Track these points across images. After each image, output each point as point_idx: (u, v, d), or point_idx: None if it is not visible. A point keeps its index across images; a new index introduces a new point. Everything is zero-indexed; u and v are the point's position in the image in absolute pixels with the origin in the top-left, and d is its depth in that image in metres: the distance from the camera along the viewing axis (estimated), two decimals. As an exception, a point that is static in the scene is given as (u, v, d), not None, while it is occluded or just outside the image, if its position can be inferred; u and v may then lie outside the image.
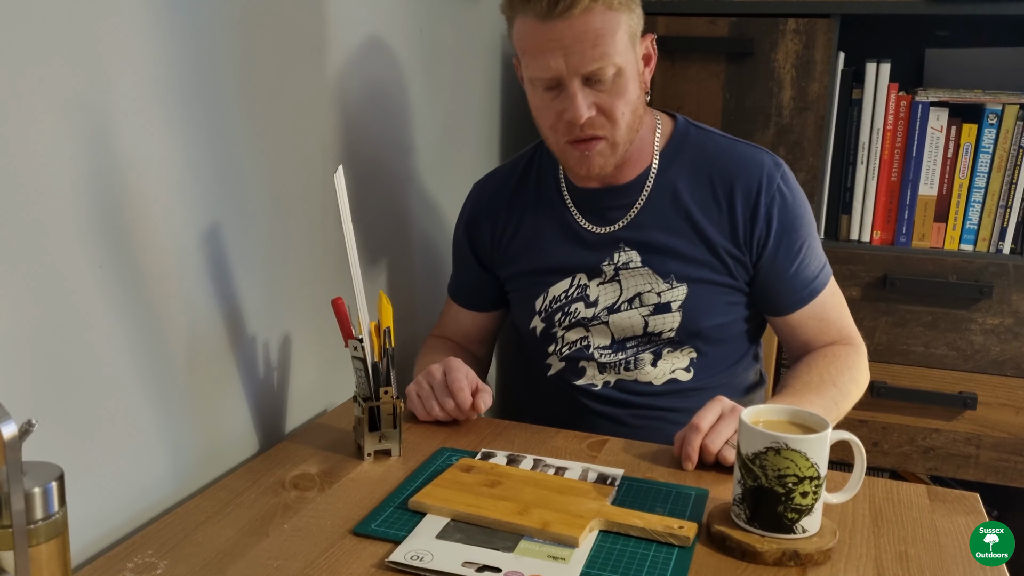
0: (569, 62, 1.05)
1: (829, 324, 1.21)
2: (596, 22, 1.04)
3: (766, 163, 1.17)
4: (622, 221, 1.20)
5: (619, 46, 1.06)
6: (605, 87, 1.08)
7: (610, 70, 1.06)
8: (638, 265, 1.19)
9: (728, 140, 1.21)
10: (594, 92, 1.08)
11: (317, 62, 1.16)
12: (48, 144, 0.78)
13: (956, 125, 1.68)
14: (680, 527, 0.86)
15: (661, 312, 1.18)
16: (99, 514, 0.87)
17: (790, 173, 1.19)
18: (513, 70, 1.82)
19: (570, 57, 1.05)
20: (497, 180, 1.32)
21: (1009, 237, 1.68)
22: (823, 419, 0.86)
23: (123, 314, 0.88)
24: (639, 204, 1.19)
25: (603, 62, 1.05)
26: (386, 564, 0.81)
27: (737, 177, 1.17)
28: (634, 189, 1.19)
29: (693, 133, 1.21)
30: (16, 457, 0.58)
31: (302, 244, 1.16)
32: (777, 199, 1.16)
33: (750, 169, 1.17)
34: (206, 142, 0.97)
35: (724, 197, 1.17)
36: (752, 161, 1.17)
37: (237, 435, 1.07)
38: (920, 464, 1.75)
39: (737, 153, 1.19)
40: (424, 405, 1.13)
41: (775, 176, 1.17)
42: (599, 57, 1.05)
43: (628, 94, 1.10)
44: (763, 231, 1.16)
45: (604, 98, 1.08)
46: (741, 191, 1.16)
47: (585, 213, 1.22)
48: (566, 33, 1.04)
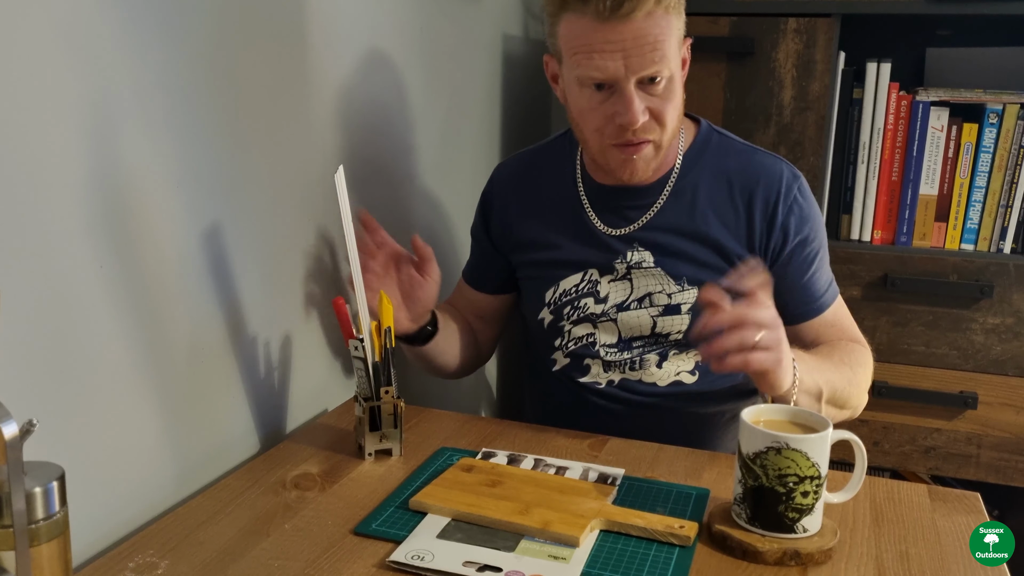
0: (628, 64, 1.04)
1: (843, 331, 1.21)
2: (656, 25, 1.03)
3: (785, 173, 1.18)
4: (639, 222, 1.20)
5: (672, 50, 1.06)
6: (658, 91, 1.07)
7: (665, 74, 1.06)
8: (651, 265, 1.19)
9: (748, 148, 1.22)
10: (647, 96, 1.07)
11: (317, 62, 1.16)
12: (48, 144, 0.78)
13: (957, 125, 1.68)
14: (681, 527, 0.86)
15: (670, 314, 1.18)
16: (100, 514, 0.87)
17: (807, 186, 1.20)
18: (513, 70, 1.84)
19: (629, 59, 1.04)
20: (518, 164, 1.32)
21: (1010, 237, 1.68)
22: (824, 419, 0.86)
23: (123, 314, 0.88)
24: (658, 205, 1.19)
25: (661, 66, 1.05)
26: (387, 564, 0.81)
27: (756, 184, 1.17)
28: (655, 190, 1.20)
29: (715, 139, 1.22)
30: (17, 457, 0.58)
31: (302, 244, 1.16)
32: (795, 209, 1.17)
33: (770, 177, 1.17)
34: (206, 142, 0.97)
35: (742, 204, 1.17)
36: (772, 170, 1.18)
37: (238, 435, 1.07)
38: (921, 464, 1.75)
39: (756, 161, 1.19)
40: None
41: (793, 186, 1.18)
42: (658, 60, 1.04)
43: (676, 99, 1.10)
44: (779, 239, 1.17)
45: (656, 102, 1.08)
46: (760, 199, 1.17)
47: (600, 211, 1.22)
48: (626, 35, 1.03)
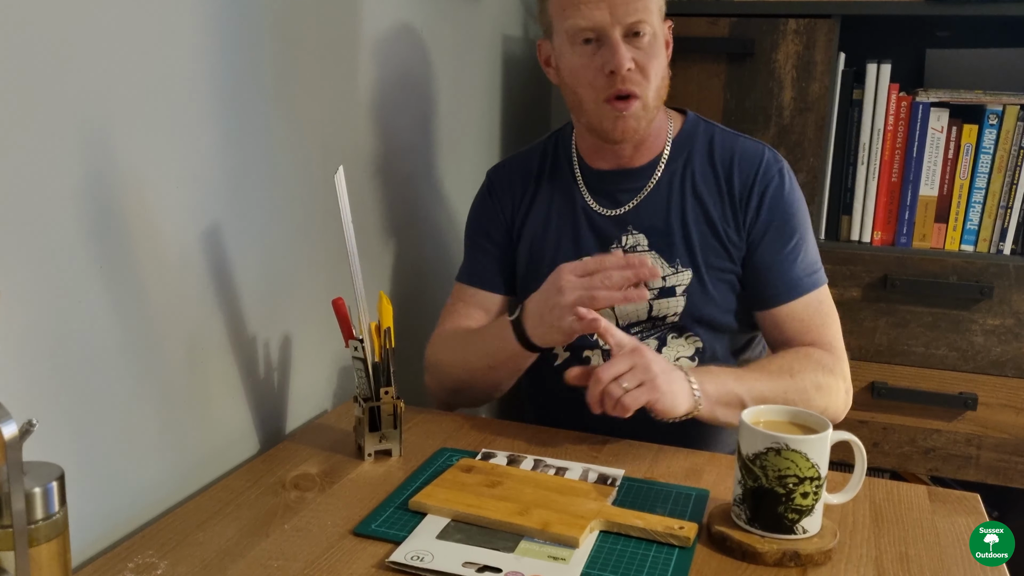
0: (614, 13, 1.11)
1: (809, 328, 1.18)
2: None
3: (766, 155, 1.22)
4: (631, 203, 1.22)
5: (654, 9, 1.13)
6: (642, 45, 1.13)
7: (648, 28, 1.13)
8: (645, 248, 1.21)
9: (733, 133, 1.26)
10: (632, 48, 1.13)
11: (317, 63, 1.16)
12: (48, 144, 0.78)
13: (957, 126, 1.68)
14: (680, 527, 0.86)
15: (666, 296, 1.20)
16: (100, 514, 0.87)
17: (789, 170, 1.22)
18: (513, 70, 1.84)
19: (615, 8, 1.11)
20: (512, 165, 1.34)
21: (1010, 238, 1.68)
22: (824, 419, 0.86)
23: (123, 314, 0.88)
24: (648, 187, 1.22)
25: (644, 15, 1.12)
26: (386, 564, 0.81)
27: (738, 164, 1.21)
28: (645, 173, 1.23)
29: (702, 126, 1.26)
30: (16, 457, 0.58)
31: (302, 244, 1.16)
32: (772, 185, 1.19)
33: (750, 158, 1.21)
34: (206, 143, 0.97)
35: (725, 182, 1.20)
36: (753, 152, 1.22)
37: (237, 435, 1.07)
38: (920, 465, 1.75)
39: (740, 144, 1.23)
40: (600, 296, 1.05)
41: (773, 168, 1.20)
42: (641, 9, 1.11)
43: (660, 59, 1.16)
44: (753, 217, 1.19)
45: (641, 55, 1.13)
46: (738, 178, 1.20)
47: (596, 195, 1.25)
48: None
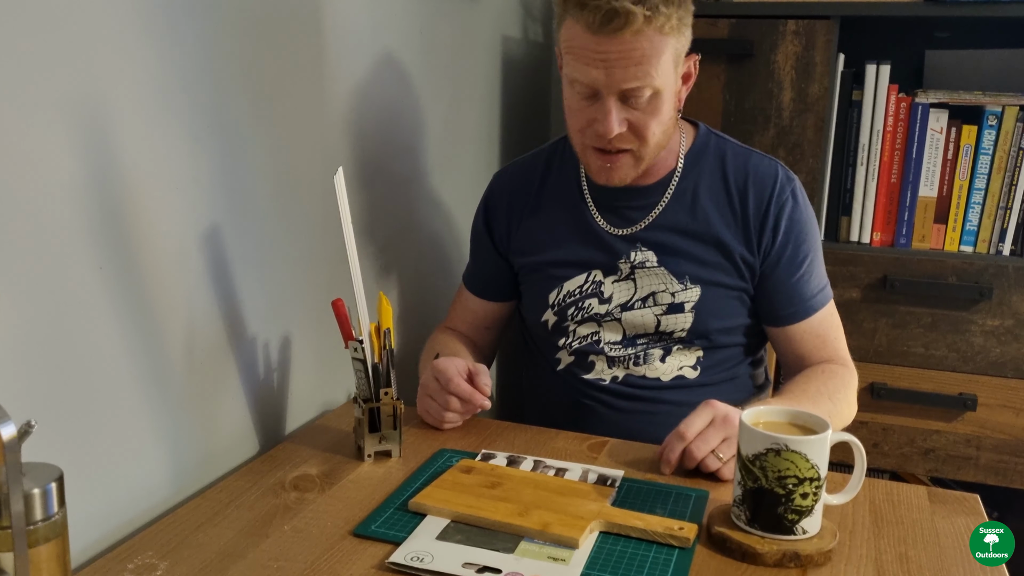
0: (610, 76, 1.06)
1: (825, 343, 1.22)
2: (644, 44, 1.04)
3: (779, 175, 1.21)
4: (643, 222, 1.22)
5: (661, 68, 1.07)
6: (640, 106, 1.09)
7: (647, 91, 1.08)
8: (654, 265, 1.20)
9: (745, 150, 1.24)
10: (628, 109, 1.09)
11: (317, 63, 1.16)
12: (48, 145, 0.78)
13: (956, 127, 1.68)
14: (680, 528, 0.86)
15: (674, 312, 1.20)
16: (99, 515, 0.87)
17: (802, 190, 1.22)
18: (512, 71, 1.84)
19: (612, 72, 1.05)
20: (518, 170, 1.33)
21: (1009, 239, 1.68)
22: (823, 420, 0.86)
23: (123, 315, 0.88)
24: (660, 207, 1.21)
25: (643, 82, 1.06)
26: (386, 565, 0.81)
27: (751, 184, 1.20)
28: (656, 191, 1.22)
29: (713, 141, 1.24)
30: (16, 458, 0.58)
31: (302, 245, 1.16)
32: (787, 207, 1.19)
33: (764, 178, 1.20)
34: (206, 143, 0.97)
35: (739, 202, 1.19)
36: (767, 171, 1.21)
37: (237, 436, 1.07)
38: (920, 465, 1.75)
39: (752, 162, 1.22)
40: (436, 417, 1.13)
41: (787, 188, 1.20)
42: (641, 76, 1.06)
43: (661, 114, 1.11)
44: (770, 239, 1.19)
45: (637, 116, 1.10)
46: (753, 198, 1.19)
47: (604, 212, 1.24)
48: (612, 49, 1.04)
